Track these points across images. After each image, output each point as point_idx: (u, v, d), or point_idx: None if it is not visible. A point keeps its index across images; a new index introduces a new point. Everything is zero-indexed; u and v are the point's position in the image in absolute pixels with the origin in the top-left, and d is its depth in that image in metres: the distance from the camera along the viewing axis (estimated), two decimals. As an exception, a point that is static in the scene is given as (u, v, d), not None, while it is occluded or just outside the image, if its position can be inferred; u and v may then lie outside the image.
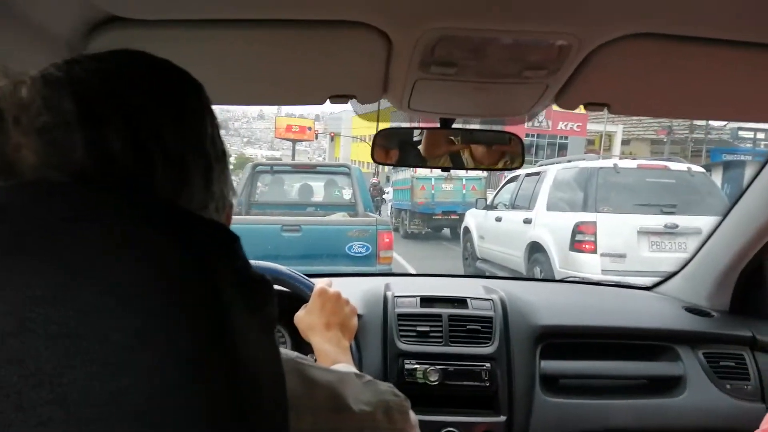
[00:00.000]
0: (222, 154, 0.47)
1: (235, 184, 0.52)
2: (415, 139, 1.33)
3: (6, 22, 0.67)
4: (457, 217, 12.25)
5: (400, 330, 1.42)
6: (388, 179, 20.68)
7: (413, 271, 8.44)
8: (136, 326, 0.28)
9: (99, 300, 0.28)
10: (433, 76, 0.89)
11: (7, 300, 0.27)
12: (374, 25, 0.76)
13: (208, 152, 0.44)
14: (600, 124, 28.44)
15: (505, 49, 0.82)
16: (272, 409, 0.34)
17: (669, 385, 1.43)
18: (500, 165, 1.32)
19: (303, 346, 1.05)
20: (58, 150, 0.35)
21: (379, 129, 1.26)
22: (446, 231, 14.27)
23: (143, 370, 0.28)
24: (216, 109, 0.47)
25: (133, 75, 0.41)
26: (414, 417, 0.67)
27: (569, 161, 6.68)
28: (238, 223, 5.09)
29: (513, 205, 7.22)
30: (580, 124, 27.39)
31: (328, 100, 1.02)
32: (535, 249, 6.25)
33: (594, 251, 5.45)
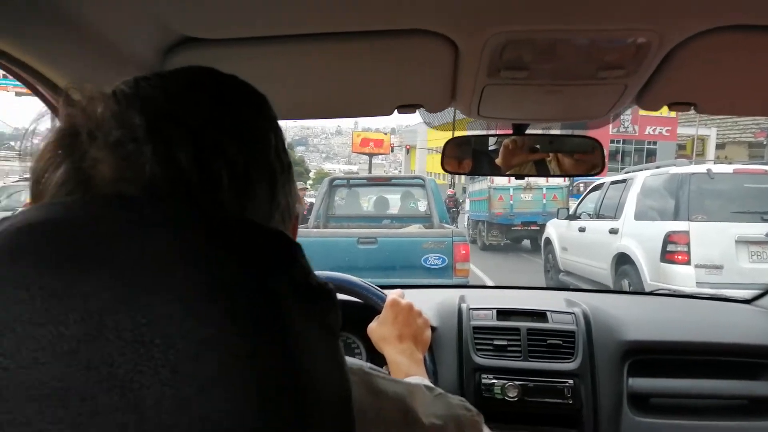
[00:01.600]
0: (287, 166, 0.47)
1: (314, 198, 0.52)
2: (491, 147, 1.30)
3: (90, 46, 0.72)
4: (538, 228, 11.91)
5: (476, 343, 1.38)
6: (464, 190, 20.46)
7: (492, 285, 8.28)
8: (201, 336, 0.28)
9: (165, 308, 0.28)
10: (503, 81, 0.87)
11: (77, 308, 0.28)
12: (439, 32, 0.75)
13: (272, 164, 0.44)
14: (692, 127, 26.72)
15: (578, 50, 0.78)
16: (337, 425, 0.33)
17: None
18: (581, 171, 1.27)
19: (377, 356, 1.05)
20: (131, 164, 0.36)
21: (450, 137, 1.24)
22: (526, 242, 13.89)
23: (205, 382, 0.28)
24: (295, 125, 0.48)
25: (196, 91, 0.42)
26: None
27: (658, 167, 6.35)
28: (316, 236, 5.22)
29: (597, 215, 6.94)
30: (670, 128, 25.85)
31: (396, 111, 1.02)
32: (623, 261, 5.96)
33: (687, 262, 5.12)
